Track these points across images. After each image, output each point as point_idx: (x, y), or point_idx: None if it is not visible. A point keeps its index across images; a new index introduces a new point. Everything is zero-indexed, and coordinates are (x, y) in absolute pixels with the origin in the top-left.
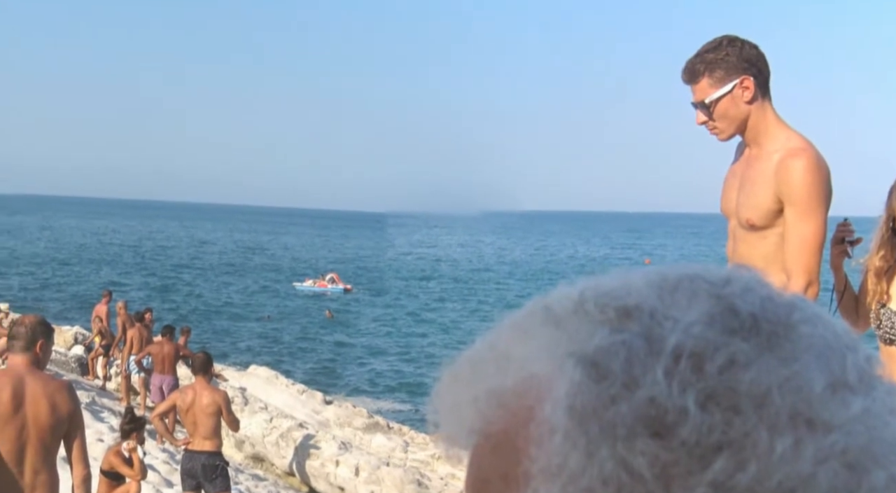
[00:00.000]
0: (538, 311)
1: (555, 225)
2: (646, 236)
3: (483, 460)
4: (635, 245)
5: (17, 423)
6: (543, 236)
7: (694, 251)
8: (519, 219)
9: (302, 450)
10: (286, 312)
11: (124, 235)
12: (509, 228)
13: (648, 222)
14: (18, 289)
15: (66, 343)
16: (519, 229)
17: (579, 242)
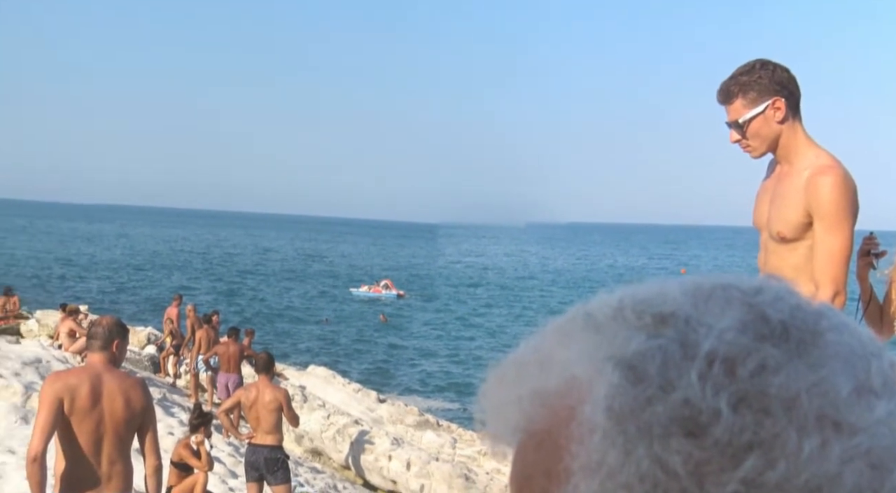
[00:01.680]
0: (579, 317)
1: (595, 236)
2: (681, 248)
3: (527, 456)
4: (671, 256)
5: (95, 416)
6: (585, 247)
7: (727, 262)
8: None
9: (357, 445)
10: (343, 315)
11: (194, 243)
12: (552, 238)
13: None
14: (97, 292)
15: (140, 343)
16: (562, 240)
17: (618, 252)
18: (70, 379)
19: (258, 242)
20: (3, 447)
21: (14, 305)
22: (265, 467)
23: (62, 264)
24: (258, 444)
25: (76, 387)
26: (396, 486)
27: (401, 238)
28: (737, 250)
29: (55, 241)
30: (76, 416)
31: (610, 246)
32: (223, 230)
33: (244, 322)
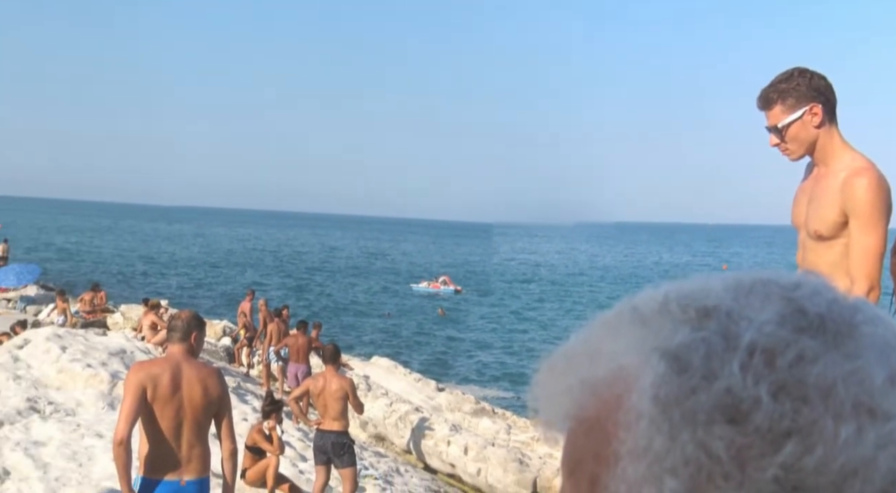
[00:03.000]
0: (627, 311)
1: (642, 235)
2: (723, 245)
3: (577, 442)
4: (714, 253)
5: (175, 403)
6: (632, 245)
7: (767, 259)
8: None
9: (418, 431)
10: (404, 310)
11: (265, 242)
12: (601, 237)
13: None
14: (176, 287)
15: (216, 335)
16: (610, 239)
17: (663, 250)
18: (152, 369)
19: (325, 241)
20: (92, 432)
21: (101, 299)
22: (332, 451)
23: (144, 262)
24: (326, 429)
25: (158, 376)
26: (455, 469)
27: (458, 237)
28: (776, 247)
29: (138, 240)
30: (158, 403)
31: (655, 244)
32: (292, 230)
33: (312, 316)
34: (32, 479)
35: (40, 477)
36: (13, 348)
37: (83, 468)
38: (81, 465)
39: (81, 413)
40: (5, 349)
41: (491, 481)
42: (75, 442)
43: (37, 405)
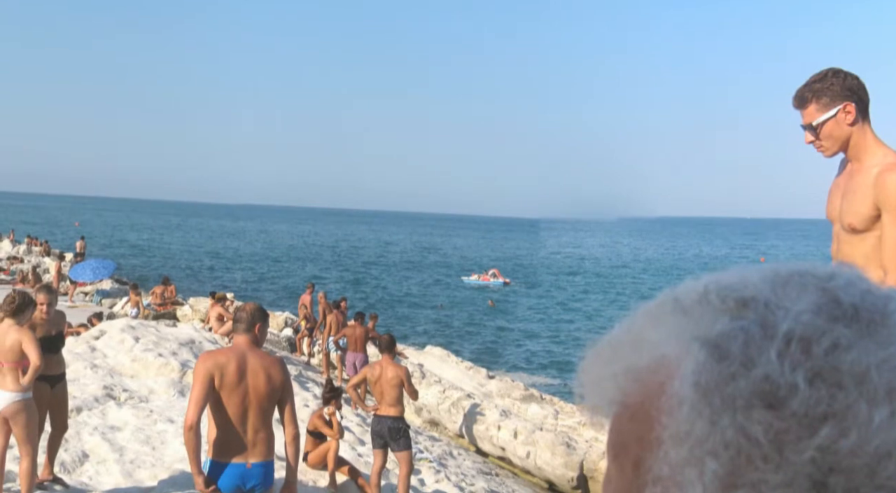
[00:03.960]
0: (668, 301)
1: (682, 229)
2: (761, 238)
3: (622, 426)
4: (752, 246)
5: (241, 391)
6: (672, 238)
7: (803, 251)
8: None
9: (470, 416)
10: (456, 301)
11: (324, 238)
12: (643, 231)
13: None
14: (241, 281)
15: (279, 326)
16: (652, 232)
17: (703, 243)
18: (219, 358)
19: (380, 237)
20: (164, 417)
21: (171, 293)
22: (389, 435)
23: (211, 257)
24: (382, 415)
25: (225, 365)
26: (505, 453)
27: (506, 232)
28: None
29: (205, 237)
30: (225, 390)
31: (695, 237)
32: (349, 226)
33: (369, 307)
34: (109, 461)
35: (116, 460)
36: (90, 339)
37: (156, 451)
38: (154, 448)
39: (154, 400)
40: (83, 340)
41: (539, 463)
42: (148, 427)
43: (112, 392)
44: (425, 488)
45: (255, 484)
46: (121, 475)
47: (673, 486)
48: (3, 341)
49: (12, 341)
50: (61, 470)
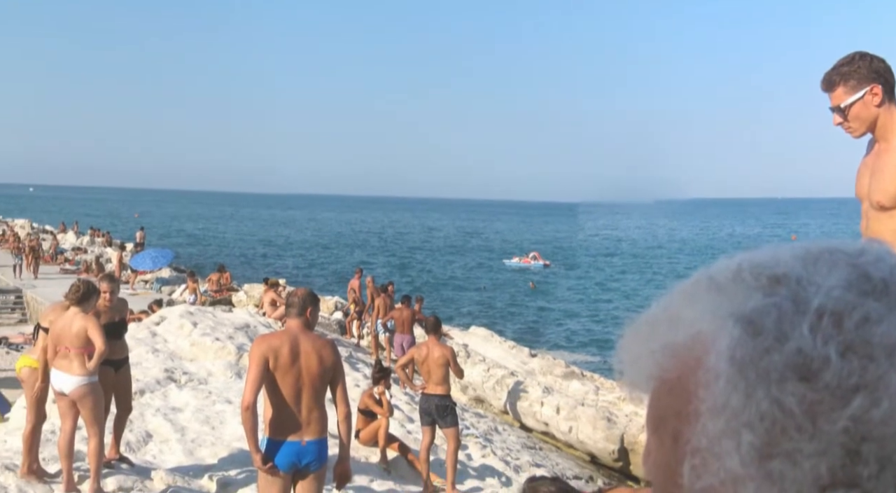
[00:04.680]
0: (703, 280)
1: (716, 209)
2: (792, 217)
3: (660, 400)
4: (783, 225)
5: (294, 372)
6: (706, 219)
7: (833, 229)
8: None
9: (513, 393)
10: (498, 283)
11: (371, 225)
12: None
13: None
14: (292, 267)
15: (329, 310)
16: (686, 214)
17: (736, 223)
18: (273, 341)
19: (424, 223)
20: (222, 398)
21: (226, 280)
22: (437, 413)
23: (263, 245)
24: (430, 393)
25: (279, 347)
26: (548, 428)
27: (546, 216)
28: (841, 218)
29: (257, 226)
30: (279, 371)
31: (729, 218)
32: (395, 213)
33: (415, 291)
34: (172, 441)
35: (178, 439)
36: (151, 325)
37: (215, 430)
38: (214, 428)
39: (212, 382)
40: (144, 326)
41: (581, 437)
42: (208, 408)
43: (173, 375)
44: (472, 462)
45: (309, 461)
46: (183, 454)
47: (711, 457)
48: (70, 328)
49: (78, 328)
50: (127, 449)
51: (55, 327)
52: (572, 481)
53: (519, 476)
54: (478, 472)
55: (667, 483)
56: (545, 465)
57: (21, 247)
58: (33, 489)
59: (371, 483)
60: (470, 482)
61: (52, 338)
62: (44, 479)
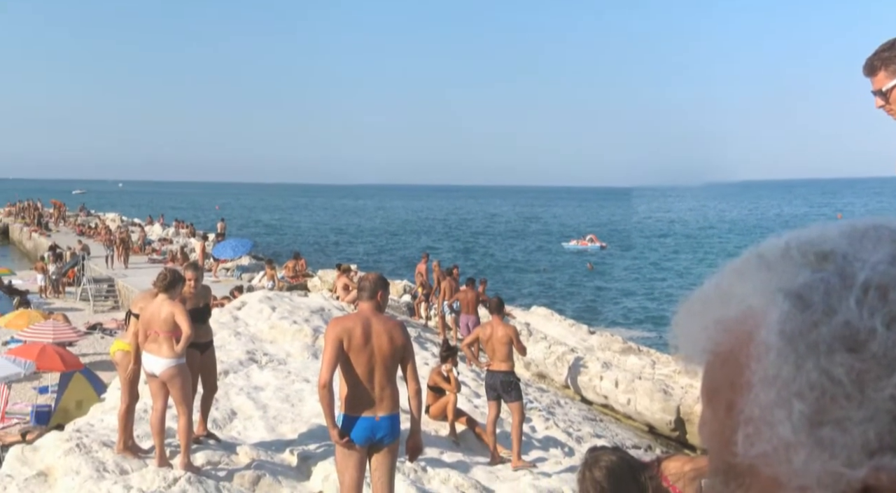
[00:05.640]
0: (753, 257)
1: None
2: (837, 197)
3: (714, 373)
4: (829, 204)
5: (367, 352)
6: (755, 200)
7: (877, 207)
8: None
9: (574, 369)
10: (557, 265)
11: (436, 212)
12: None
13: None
14: (363, 253)
15: (398, 293)
16: (735, 196)
17: (784, 203)
18: (347, 323)
19: (486, 209)
20: (300, 377)
21: (302, 266)
22: (501, 388)
23: (336, 233)
24: (495, 370)
25: (352, 329)
26: (608, 400)
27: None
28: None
29: (329, 215)
30: (353, 351)
31: (776, 198)
32: (458, 201)
33: (478, 273)
34: (255, 418)
35: (261, 416)
36: (233, 310)
37: (295, 407)
38: (293, 405)
39: (291, 362)
40: (227, 311)
41: (639, 409)
42: (287, 386)
43: (254, 356)
44: (536, 434)
45: (383, 435)
46: (265, 430)
47: (764, 425)
48: (159, 314)
49: (166, 314)
50: (213, 426)
51: (145, 314)
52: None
53: (581, 447)
54: (542, 443)
55: (722, 451)
56: (605, 436)
57: (112, 239)
58: (129, 464)
59: (441, 455)
60: (534, 453)
61: (142, 323)
62: (138, 455)
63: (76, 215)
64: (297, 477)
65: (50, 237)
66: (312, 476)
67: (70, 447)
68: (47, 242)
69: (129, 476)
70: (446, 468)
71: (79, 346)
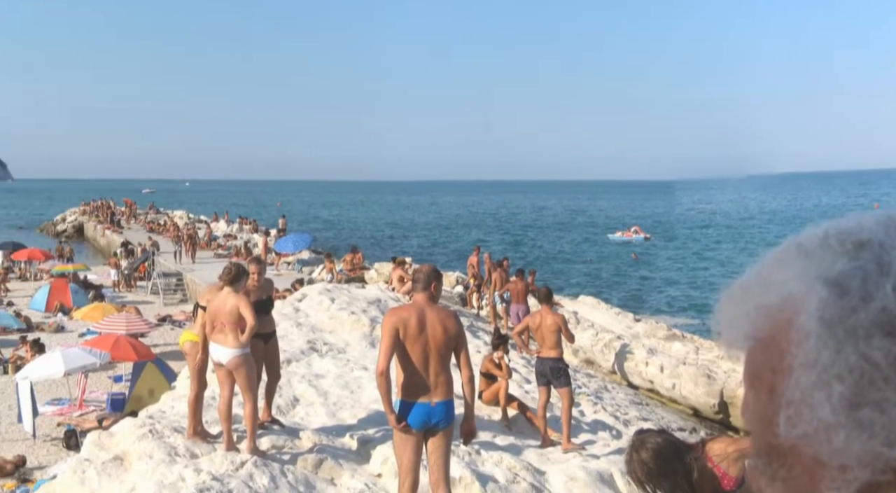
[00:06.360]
0: (792, 247)
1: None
2: (874, 187)
3: (756, 358)
4: (866, 194)
5: (422, 340)
6: (794, 191)
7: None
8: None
9: (620, 355)
10: (603, 256)
11: (486, 207)
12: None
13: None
14: (417, 247)
15: (451, 284)
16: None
17: (822, 194)
18: (402, 313)
19: (534, 203)
20: (359, 365)
21: (359, 260)
22: (551, 374)
23: (391, 228)
24: (544, 357)
25: (407, 319)
26: (653, 385)
27: (645, 193)
28: None
29: (384, 210)
30: (408, 340)
31: (814, 190)
32: (507, 195)
33: (528, 264)
34: (316, 404)
35: (322, 403)
36: (294, 302)
37: (354, 394)
38: (353, 392)
39: (349, 351)
40: (288, 303)
41: (684, 393)
42: (347, 374)
43: (315, 346)
44: (585, 418)
45: (438, 420)
46: (326, 416)
47: (804, 407)
48: (224, 306)
49: (231, 306)
50: (277, 412)
51: (211, 306)
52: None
53: (628, 430)
54: (590, 426)
55: (765, 433)
56: (651, 419)
57: (180, 235)
58: (199, 448)
59: (494, 439)
60: (583, 436)
61: (209, 315)
62: (207, 439)
63: (146, 213)
64: (357, 460)
65: (122, 234)
66: (372, 459)
67: (143, 433)
68: (119, 239)
69: (198, 460)
70: (499, 450)
71: (150, 337)
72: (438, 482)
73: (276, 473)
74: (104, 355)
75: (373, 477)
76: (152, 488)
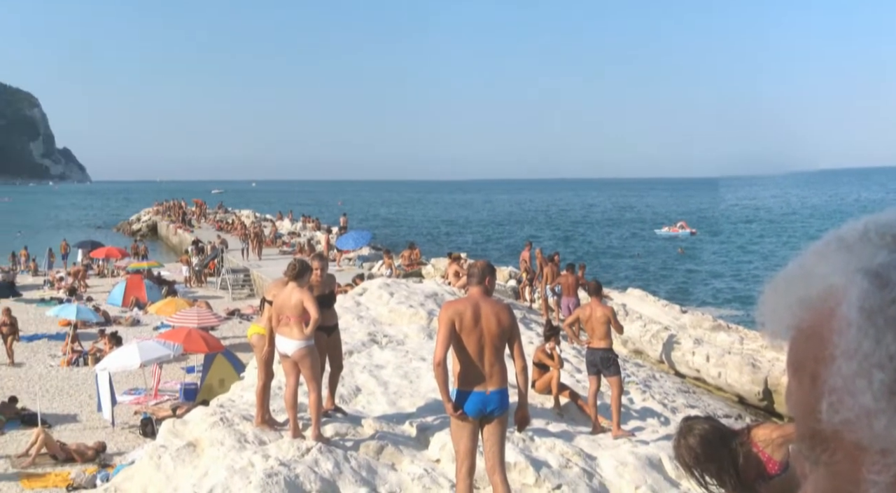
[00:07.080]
0: (833, 240)
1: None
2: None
3: (799, 347)
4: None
5: (477, 332)
6: (835, 187)
7: None
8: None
9: (667, 345)
10: (650, 250)
11: (537, 204)
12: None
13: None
14: (472, 243)
15: (504, 278)
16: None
17: (862, 189)
18: (458, 306)
19: (584, 200)
20: (417, 356)
21: (416, 255)
22: (601, 363)
23: (446, 225)
24: (594, 347)
25: (463, 312)
26: (700, 374)
27: (691, 190)
28: None
29: (440, 208)
30: (464, 332)
31: (855, 185)
32: (558, 193)
33: (578, 259)
34: (377, 393)
35: (382, 392)
36: (355, 296)
37: (413, 384)
38: (412, 382)
39: (408, 342)
40: (350, 297)
41: (730, 381)
42: (406, 365)
43: (375, 338)
44: (634, 405)
45: (493, 408)
46: (386, 404)
47: (846, 395)
48: (289, 300)
49: (296, 300)
50: (340, 401)
51: (277, 300)
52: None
53: (675, 417)
54: (639, 414)
55: (808, 419)
56: (698, 406)
57: (247, 233)
58: (266, 435)
59: (547, 426)
60: (633, 423)
61: (275, 309)
62: (274, 427)
63: (215, 213)
64: (417, 447)
65: (193, 233)
66: (430, 446)
67: (215, 421)
68: (190, 238)
69: (266, 447)
70: (552, 437)
71: (220, 330)
72: (494, 467)
73: (340, 459)
74: (177, 347)
75: (431, 463)
76: (223, 473)
